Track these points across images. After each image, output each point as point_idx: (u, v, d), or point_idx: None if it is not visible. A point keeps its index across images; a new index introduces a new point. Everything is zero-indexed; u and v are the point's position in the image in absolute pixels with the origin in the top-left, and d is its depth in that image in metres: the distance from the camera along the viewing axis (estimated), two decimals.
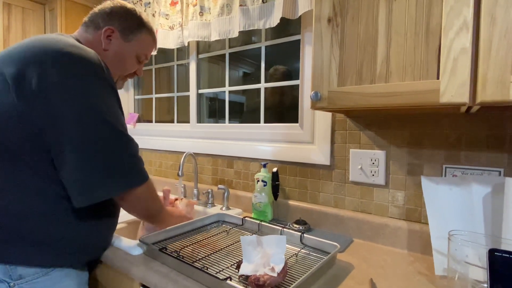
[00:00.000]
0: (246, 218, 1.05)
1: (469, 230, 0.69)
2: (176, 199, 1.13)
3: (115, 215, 0.87)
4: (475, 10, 0.56)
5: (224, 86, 1.54)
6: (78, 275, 0.81)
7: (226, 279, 0.62)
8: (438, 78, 0.61)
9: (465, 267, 0.62)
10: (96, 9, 0.89)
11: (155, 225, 0.93)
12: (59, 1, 1.88)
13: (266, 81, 1.38)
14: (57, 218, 0.73)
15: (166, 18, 1.54)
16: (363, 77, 0.71)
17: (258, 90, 1.40)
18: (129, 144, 0.75)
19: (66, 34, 0.85)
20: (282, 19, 1.11)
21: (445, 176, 0.87)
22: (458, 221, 0.75)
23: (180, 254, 0.79)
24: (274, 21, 1.14)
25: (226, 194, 1.30)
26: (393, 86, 0.66)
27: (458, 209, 0.76)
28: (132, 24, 0.90)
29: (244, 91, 1.51)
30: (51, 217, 0.72)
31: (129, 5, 0.91)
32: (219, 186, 1.31)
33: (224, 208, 1.29)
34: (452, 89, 0.59)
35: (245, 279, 0.67)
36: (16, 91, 0.67)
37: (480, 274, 0.61)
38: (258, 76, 1.41)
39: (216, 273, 0.68)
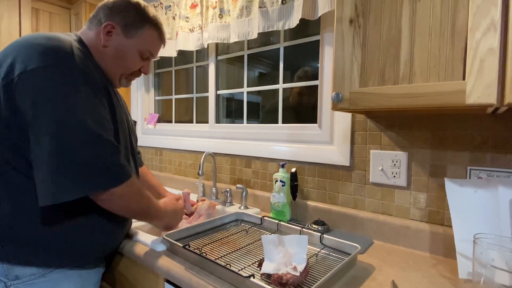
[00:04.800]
0: (264, 218, 1.06)
1: (495, 234, 0.68)
2: (198, 201, 1.15)
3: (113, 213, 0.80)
4: (503, 10, 0.55)
5: (242, 86, 1.55)
6: (81, 277, 0.78)
7: (249, 276, 0.63)
8: (464, 79, 0.60)
9: (491, 271, 0.61)
10: (101, 3, 0.85)
11: (147, 222, 0.89)
12: (84, 6, 1.96)
13: (292, 81, 1.38)
14: (49, 217, 0.70)
15: (186, 21, 1.57)
16: (386, 78, 0.71)
17: (275, 90, 1.41)
18: (98, 142, 0.69)
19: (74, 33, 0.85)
20: (301, 19, 1.12)
21: (469, 178, 0.85)
22: (483, 224, 0.73)
23: (202, 251, 0.81)
24: (294, 22, 1.15)
25: (244, 193, 1.31)
26: (417, 87, 0.65)
27: (483, 212, 0.74)
28: (134, 19, 0.83)
29: (259, 91, 1.52)
30: (44, 216, 0.70)
31: None
32: (237, 185, 1.33)
33: (242, 207, 1.31)
34: (479, 90, 0.58)
35: (267, 277, 0.69)
36: None
37: (507, 278, 0.59)
38: (274, 76, 1.42)
39: (238, 271, 0.69)
